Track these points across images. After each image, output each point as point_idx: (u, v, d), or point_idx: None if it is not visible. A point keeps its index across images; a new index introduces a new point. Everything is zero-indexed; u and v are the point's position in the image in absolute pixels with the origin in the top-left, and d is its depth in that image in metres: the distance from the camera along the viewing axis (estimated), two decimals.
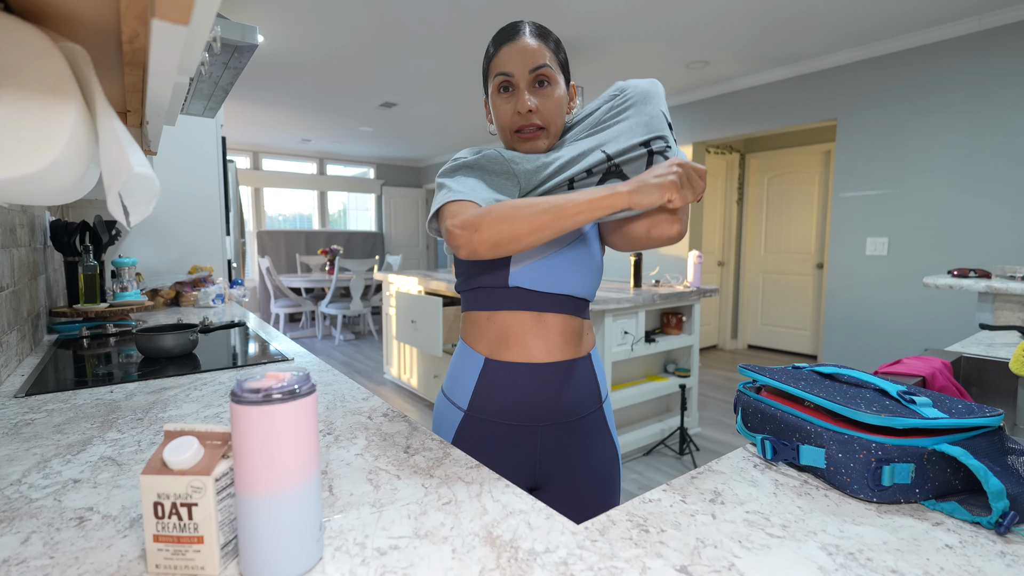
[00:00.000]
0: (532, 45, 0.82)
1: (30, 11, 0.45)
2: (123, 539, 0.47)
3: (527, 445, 0.84)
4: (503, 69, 0.83)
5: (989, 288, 1.75)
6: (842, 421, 0.58)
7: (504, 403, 0.82)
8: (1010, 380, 1.04)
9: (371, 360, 4.78)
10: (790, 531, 0.48)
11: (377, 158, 7.65)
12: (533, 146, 0.85)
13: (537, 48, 0.82)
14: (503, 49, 0.83)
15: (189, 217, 2.46)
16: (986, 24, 2.86)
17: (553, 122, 0.85)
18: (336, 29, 3.03)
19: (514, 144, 0.86)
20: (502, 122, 0.86)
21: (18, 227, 1.25)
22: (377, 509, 0.52)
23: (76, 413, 0.83)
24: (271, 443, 0.39)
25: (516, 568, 0.43)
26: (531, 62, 0.82)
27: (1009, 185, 2.83)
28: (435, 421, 0.91)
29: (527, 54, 0.82)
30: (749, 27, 3.02)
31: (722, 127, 4.17)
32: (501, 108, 0.85)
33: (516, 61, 0.82)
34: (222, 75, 1.37)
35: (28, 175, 0.42)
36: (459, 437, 0.85)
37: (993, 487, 0.47)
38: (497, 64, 0.84)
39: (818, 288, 4.70)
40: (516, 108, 0.83)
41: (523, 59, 0.82)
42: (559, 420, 0.84)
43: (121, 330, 1.54)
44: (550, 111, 0.84)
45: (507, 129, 0.86)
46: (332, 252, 5.79)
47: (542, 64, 0.82)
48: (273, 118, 5.17)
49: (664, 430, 2.82)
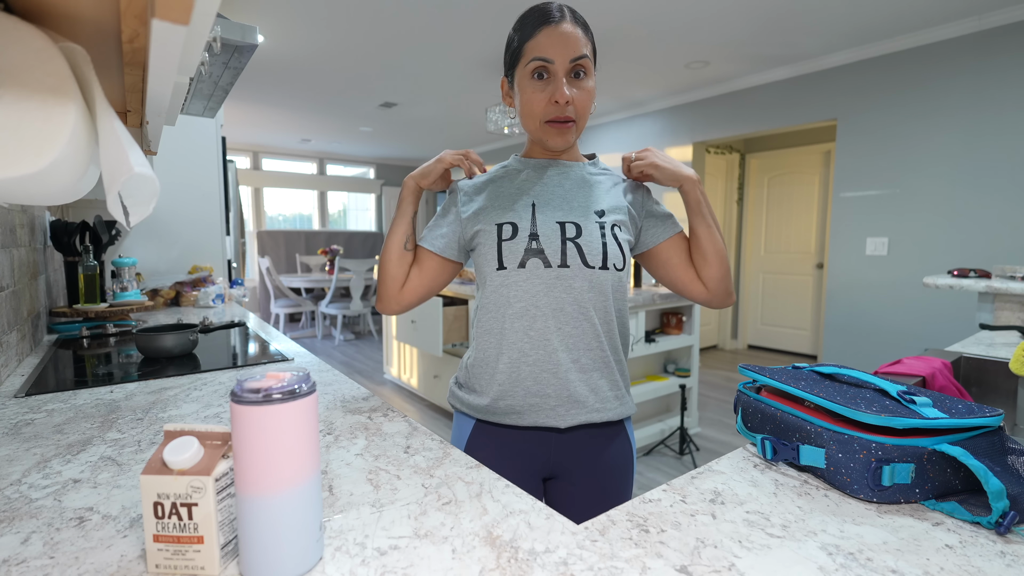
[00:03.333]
0: (574, 32, 0.77)
1: (30, 11, 0.45)
2: (123, 539, 0.47)
3: (546, 441, 0.85)
4: (542, 54, 0.77)
5: (989, 288, 1.75)
6: (842, 421, 0.58)
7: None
8: (1010, 380, 1.04)
9: (371, 360, 4.77)
10: (790, 531, 0.48)
11: (377, 158, 7.65)
12: (564, 139, 0.81)
13: (578, 36, 0.77)
14: (542, 32, 0.77)
15: (189, 217, 2.46)
16: (986, 24, 2.86)
17: (583, 116, 0.81)
18: (336, 29, 3.03)
19: (542, 135, 0.82)
20: (533, 109, 0.80)
21: (18, 227, 1.25)
22: (377, 509, 0.52)
23: (76, 413, 0.83)
24: (271, 443, 0.39)
25: (516, 568, 0.43)
26: (573, 50, 0.77)
27: (1009, 185, 2.83)
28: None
29: (569, 42, 0.77)
30: (749, 27, 3.02)
31: (722, 127, 4.17)
32: (534, 96, 0.79)
33: (558, 48, 0.76)
34: (222, 75, 1.37)
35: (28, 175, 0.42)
36: (479, 427, 0.87)
37: (993, 487, 0.47)
38: (534, 47, 0.78)
39: (818, 288, 4.69)
40: (553, 97, 0.78)
41: (565, 46, 0.76)
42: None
43: (121, 330, 1.54)
44: (584, 104, 0.80)
45: (538, 118, 0.81)
46: (332, 252, 5.79)
47: (583, 55, 0.77)
48: (273, 118, 5.17)
49: (664, 430, 2.82)
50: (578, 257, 0.80)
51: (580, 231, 0.81)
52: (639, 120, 4.81)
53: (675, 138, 4.52)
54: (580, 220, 0.82)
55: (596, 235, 0.81)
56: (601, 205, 0.85)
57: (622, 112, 4.90)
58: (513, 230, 0.81)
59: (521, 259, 0.80)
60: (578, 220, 0.82)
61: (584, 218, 0.82)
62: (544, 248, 0.80)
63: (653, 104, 4.63)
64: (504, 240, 0.81)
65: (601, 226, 0.82)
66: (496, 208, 0.84)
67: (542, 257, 0.80)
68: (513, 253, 0.81)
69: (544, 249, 0.80)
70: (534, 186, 0.86)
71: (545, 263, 0.79)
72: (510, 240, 0.81)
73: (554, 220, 0.82)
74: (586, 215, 0.83)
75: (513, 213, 0.83)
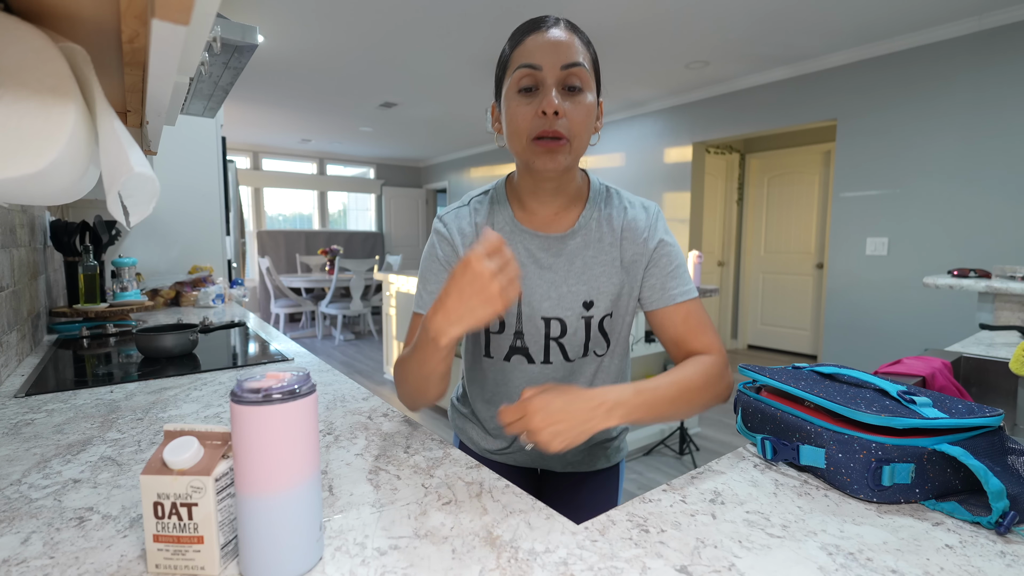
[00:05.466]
0: (564, 38, 0.67)
1: (30, 11, 0.45)
2: (123, 539, 0.47)
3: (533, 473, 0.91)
4: (528, 60, 0.67)
5: (989, 288, 1.75)
6: (842, 421, 0.58)
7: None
8: (1010, 380, 1.04)
9: (371, 360, 4.77)
10: (790, 531, 0.48)
11: (377, 158, 7.65)
12: (553, 161, 0.68)
13: (570, 42, 0.67)
14: (529, 39, 0.68)
15: (189, 217, 2.46)
16: (986, 24, 2.86)
17: (579, 135, 0.68)
18: (336, 29, 3.03)
19: (529, 156, 0.69)
20: (518, 126, 0.68)
21: (18, 227, 1.25)
22: (377, 509, 0.52)
23: (76, 413, 0.83)
24: (271, 443, 0.39)
25: (516, 568, 0.43)
26: (564, 56, 0.66)
27: (1009, 185, 2.83)
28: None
29: (559, 47, 0.67)
30: (749, 27, 3.02)
31: (722, 127, 4.17)
32: (519, 110, 0.68)
33: (546, 53, 0.66)
34: (222, 75, 1.37)
35: (28, 175, 0.42)
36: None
37: (993, 487, 0.47)
38: (520, 55, 0.68)
39: (818, 288, 4.69)
40: (540, 107, 0.66)
41: (554, 52, 0.66)
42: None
43: (121, 330, 1.54)
44: (578, 121, 0.67)
45: (524, 135, 0.68)
46: (332, 252, 5.79)
47: (576, 62, 0.67)
48: (273, 118, 5.17)
49: (664, 430, 2.82)
50: (560, 354, 0.78)
51: (564, 329, 0.76)
52: (639, 120, 4.81)
53: (675, 138, 4.52)
54: (566, 315, 0.76)
55: (580, 332, 0.77)
56: (592, 292, 0.75)
57: (622, 112, 4.90)
58: (500, 324, 0.78)
59: (506, 354, 0.79)
60: (564, 316, 0.76)
61: (570, 312, 0.76)
62: (528, 347, 0.78)
63: (653, 104, 4.63)
64: (492, 332, 0.79)
65: (587, 321, 0.76)
66: None
67: (526, 355, 0.78)
68: (499, 347, 0.79)
69: (528, 348, 0.78)
70: (522, 268, 0.76)
71: (528, 360, 0.79)
72: (497, 334, 0.79)
73: (539, 315, 0.76)
74: (573, 308, 0.76)
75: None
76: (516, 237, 0.77)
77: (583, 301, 0.75)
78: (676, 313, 0.74)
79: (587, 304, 0.76)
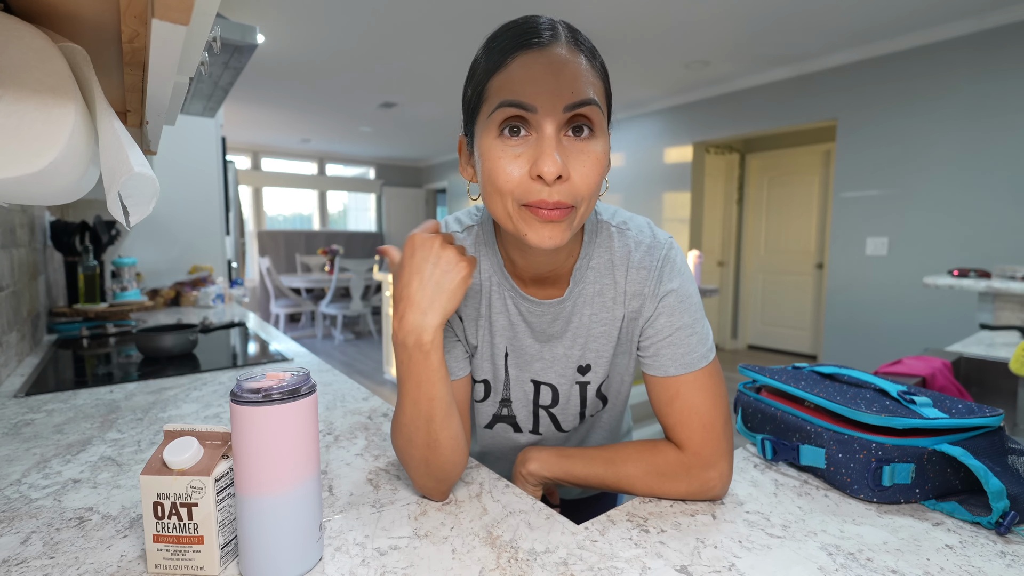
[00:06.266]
0: (572, 62, 0.47)
1: (30, 11, 0.45)
2: (123, 539, 0.47)
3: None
4: (516, 96, 0.46)
5: (989, 288, 1.75)
6: (842, 421, 0.58)
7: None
8: (1010, 380, 1.04)
9: (371, 360, 4.77)
10: (790, 531, 0.48)
11: (377, 158, 7.64)
12: (552, 236, 0.49)
13: (575, 65, 0.48)
14: (515, 62, 0.47)
15: (189, 217, 2.46)
16: (986, 24, 2.86)
17: (587, 198, 0.49)
18: (336, 29, 3.03)
19: (517, 226, 0.49)
20: (500, 184, 0.48)
21: (18, 227, 1.25)
22: (377, 509, 0.52)
23: (76, 413, 0.83)
24: (271, 443, 0.39)
25: (516, 568, 0.43)
26: (568, 92, 0.46)
27: (1009, 185, 2.83)
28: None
29: (561, 77, 0.47)
30: (749, 27, 3.02)
31: (722, 127, 4.17)
32: (501, 164, 0.48)
33: (542, 87, 0.46)
34: (222, 75, 1.37)
35: (28, 175, 0.42)
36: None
37: (993, 487, 0.47)
38: (504, 84, 0.48)
39: (818, 288, 4.69)
40: (537, 169, 0.46)
41: (555, 84, 0.46)
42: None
43: (121, 330, 1.54)
44: (588, 180, 0.48)
45: (508, 196, 0.48)
46: (332, 252, 5.79)
47: (585, 100, 0.47)
48: (273, 118, 5.17)
49: None
50: (551, 424, 0.68)
51: (557, 398, 0.65)
52: (639, 120, 4.81)
53: (675, 138, 4.52)
54: (558, 382, 0.64)
55: (575, 400, 0.66)
56: (588, 356, 0.63)
57: (622, 112, 4.90)
58: (485, 390, 0.66)
59: (489, 421, 0.69)
60: (556, 382, 0.64)
61: (563, 378, 0.64)
62: (516, 415, 0.67)
63: (653, 104, 4.63)
64: (475, 400, 0.69)
65: (583, 387, 0.65)
66: (470, 343, 0.65)
67: (512, 423, 0.68)
68: (483, 413, 0.69)
69: (516, 416, 0.67)
70: (512, 326, 0.63)
71: (515, 428, 0.69)
72: (482, 401, 0.68)
73: (528, 378, 0.65)
74: (566, 373, 0.64)
75: (488, 365, 0.65)
76: (506, 291, 0.61)
77: (578, 365, 0.63)
78: (665, 389, 0.58)
79: (582, 369, 0.64)
